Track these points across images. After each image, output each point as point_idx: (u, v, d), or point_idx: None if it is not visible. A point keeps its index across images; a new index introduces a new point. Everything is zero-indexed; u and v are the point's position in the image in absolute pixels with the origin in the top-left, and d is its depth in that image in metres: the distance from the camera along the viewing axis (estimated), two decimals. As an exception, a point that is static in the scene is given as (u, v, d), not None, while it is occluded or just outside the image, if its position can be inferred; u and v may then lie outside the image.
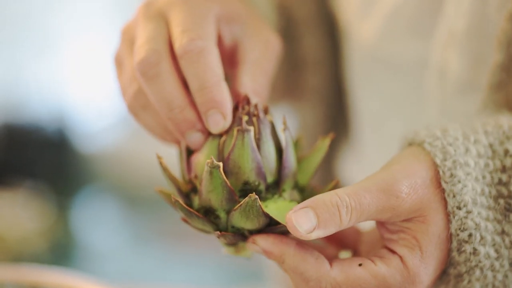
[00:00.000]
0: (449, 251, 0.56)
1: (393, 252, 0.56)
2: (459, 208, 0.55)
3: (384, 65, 0.79)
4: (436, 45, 0.73)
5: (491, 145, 0.57)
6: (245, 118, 0.58)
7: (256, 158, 0.58)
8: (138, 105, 0.63)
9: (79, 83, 2.98)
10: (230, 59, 0.64)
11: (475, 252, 0.56)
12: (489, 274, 0.56)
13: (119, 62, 0.67)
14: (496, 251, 0.56)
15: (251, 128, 0.58)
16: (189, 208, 0.57)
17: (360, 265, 0.55)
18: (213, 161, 0.56)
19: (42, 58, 2.90)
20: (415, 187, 0.55)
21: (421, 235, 0.55)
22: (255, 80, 0.62)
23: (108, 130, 2.97)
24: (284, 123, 0.60)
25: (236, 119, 0.59)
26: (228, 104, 0.59)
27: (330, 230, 0.54)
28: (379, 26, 0.78)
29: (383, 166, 0.58)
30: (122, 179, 2.83)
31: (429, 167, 0.56)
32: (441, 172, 0.56)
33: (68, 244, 2.53)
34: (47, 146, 2.76)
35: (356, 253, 0.61)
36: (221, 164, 0.56)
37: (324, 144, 0.63)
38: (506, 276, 0.57)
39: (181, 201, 0.57)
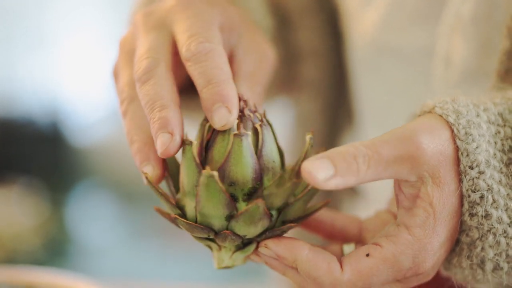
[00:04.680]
0: (460, 216, 0.55)
1: (402, 225, 0.54)
2: (471, 167, 0.54)
3: (388, 54, 0.78)
4: (441, 32, 0.72)
5: (500, 114, 0.57)
6: (258, 119, 0.58)
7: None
8: (123, 111, 0.62)
9: (73, 77, 2.99)
10: None
11: (487, 215, 0.54)
12: (503, 240, 0.55)
13: (116, 74, 0.65)
14: (509, 216, 0.55)
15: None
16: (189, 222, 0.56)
17: (367, 255, 0.53)
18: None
19: (35, 52, 2.90)
20: (434, 139, 0.54)
21: (437, 200, 0.54)
22: (253, 91, 0.62)
23: (103, 123, 2.97)
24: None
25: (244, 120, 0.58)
26: (235, 100, 0.57)
27: (349, 180, 0.51)
28: (382, 14, 0.77)
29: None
30: (117, 173, 2.83)
31: (446, 127, 0.55)
32: (455, 130, 0.54)
33: (62, 241, 2.53)
34: (41, 140, 2.76)
35: (360, 243, 0.60)
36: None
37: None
38: None
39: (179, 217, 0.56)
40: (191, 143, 0.56)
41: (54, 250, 2.45)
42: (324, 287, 0.54)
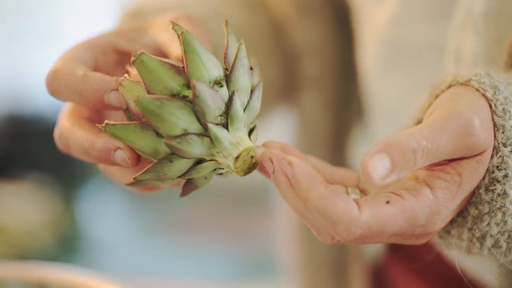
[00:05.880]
0: (476, 188, 0.55)
1: (424, 183, 0.53)
2: (505, 145, 0.54)
3: (400, 51, 0.78)
4: (452, 28, 0.72)
5: None
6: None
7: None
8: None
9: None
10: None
11: (504, 194, 0.54)
12: (510, 220, 0.55)
13: None
14: None
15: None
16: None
17: (387, 202, 0.52)
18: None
19: (44, 49, 2.91)
20: (483, 122, 0.53)
21: (467, 173, 0.54)
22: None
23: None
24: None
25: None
26: (107, 78, 0.59)
27: (403, 174, 0.51)
28: (394, 10, 0.77)
29: (442, 101, 0.55)
30: (127, 170, 2.82)
31: (487, 105, 0.54)
32: (493, 106, 0.54)
33: (74, 237, 2.53)
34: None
35: (362, 193, 0.59)
36: None
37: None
38: None
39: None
40: (110, 123, 0.56)
41: (66, 246, 2.45)
42: (339, 226, 0.51)
